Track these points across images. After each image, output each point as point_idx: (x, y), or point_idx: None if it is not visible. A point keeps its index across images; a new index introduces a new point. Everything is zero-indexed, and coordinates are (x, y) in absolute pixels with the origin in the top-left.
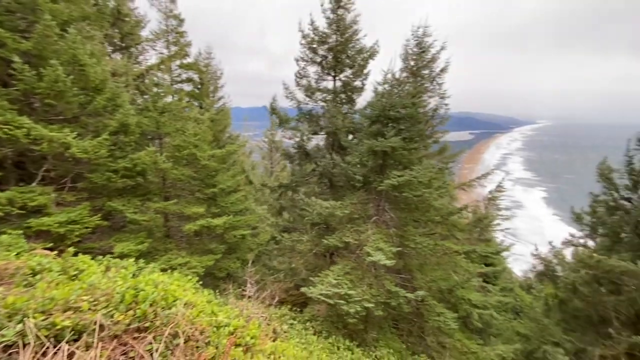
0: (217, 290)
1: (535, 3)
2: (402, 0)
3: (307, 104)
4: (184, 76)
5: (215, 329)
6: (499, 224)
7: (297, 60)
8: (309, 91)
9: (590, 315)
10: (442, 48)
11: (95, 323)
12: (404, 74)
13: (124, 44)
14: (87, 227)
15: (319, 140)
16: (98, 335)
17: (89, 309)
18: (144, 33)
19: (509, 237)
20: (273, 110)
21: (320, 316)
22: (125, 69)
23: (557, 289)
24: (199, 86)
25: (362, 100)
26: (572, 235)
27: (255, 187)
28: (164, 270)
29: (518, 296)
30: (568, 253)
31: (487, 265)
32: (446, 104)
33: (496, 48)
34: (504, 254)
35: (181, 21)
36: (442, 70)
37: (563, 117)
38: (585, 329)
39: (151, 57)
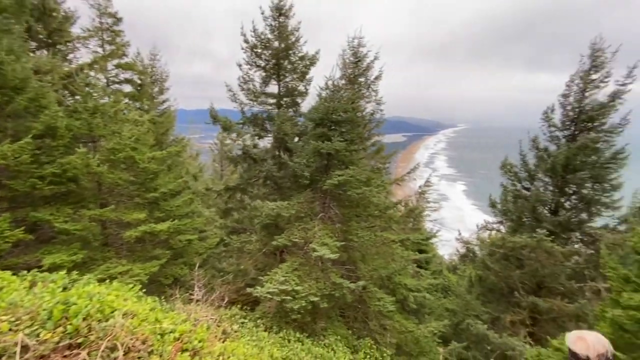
0: (163, 297)
1: (456, 24)
2: (344, 13)
3: (252, 107)
4: (122, 77)
5: (159, 336)
6: (428, 215)
7: (239, 65)
8: (254, 95)
9: (502, 288)
10: (376, 58)
11: (17, 344)
12: (343, 81)
13: (50, 41)
14: (7, 242)
15: (265, 142)
16: (21, 357)
17: (10, 329)
18: (76, 30)
19: (437, 226)
20: (214, 117)
21: (271, 312)
22: (51, 67)
23: (476, 268)
24: (139, 87)
25: (306, 104)
26: (487, 222)
27: (199, 191)
28: (101, 280)
29: (446, 277)
30: (486, 237)
31: (420, 252)
32: (381, 109)
33: (425, 59)
34: (434, 240)
35: (118, 19)
36: (377, 78)
37: (478, 120)
38: (499, 300)
39: (84, 56)
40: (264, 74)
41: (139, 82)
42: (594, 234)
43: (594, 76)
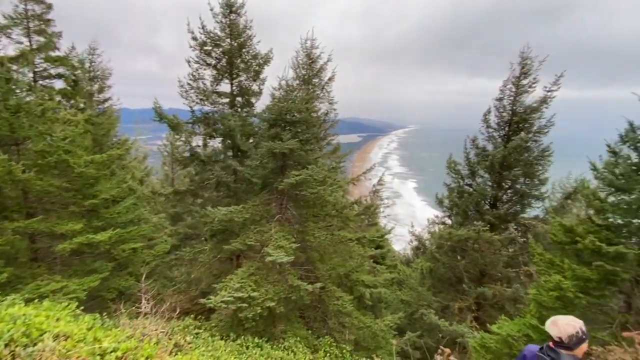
0: (105, 314)
1: (404, 29)
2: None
3: (203, 106)
4: (52, 71)
5: (98, 357)
6: (382, 211)
7: (189, 62)
8: (205, 94)
9: (450, 278)
10: (329, 60)
11: None
12: (297, 82)
13: None
14: None
15: (217, 143)
16: None
17: None
18: None
19: (392, 222)
20: (159, 115)
21: (226, 320)
22: None
23: (427, 260)
24: (73, 84)
25: (261, 104)
26: (436, 216)
27: (146, 196)
28: (30, 300)
29: (401, 271)
30: (435, 231)
31: (376, 248)
32: (335, 110)
33: (377, 62)
34: (388, 236)
35: (48, 7)
36: (330, 79)
37: (427, 122)
38: (448, 289)
39: (5, 47)
40: (215, 72)
41: (73, 78)
42: (527, 224)
43: (523, 82)
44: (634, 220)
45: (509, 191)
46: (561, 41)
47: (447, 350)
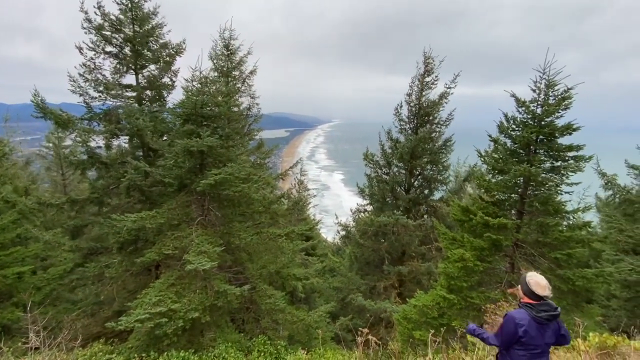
0: None
1: (327, 28)
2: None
3: (105, 102)
4: None
5: None
6: (310, 203)
7: (80, 49)
8: (105, 87)
9: (374, 260)
10: (249, 52)
11: None
12: (215, 74)
13: None
14: None
15: (123, 142)
16: None
17: None
18: None
19: (322, 213)
20: (42, 110)
21: (145, 338)
22: None
23: (353, 246)
24: None
25: (175, 98)
26: (359, 205)
27: (28, 208)
28: None
29: (331, 259)
30: (360, 218)
31: (306, 240)
32: (258, 104)
33: (302, 57)
34: (319, 227)
35: None
36: (252, 72)
37: (350, 117)
38: (374, 272)
39: None
40: (116, 62)
41: None
42: (435, 206)
43: (427, 79)
44: (512, 195)
45: (419, 177)
46: (458, 44)
47: (366, 330)
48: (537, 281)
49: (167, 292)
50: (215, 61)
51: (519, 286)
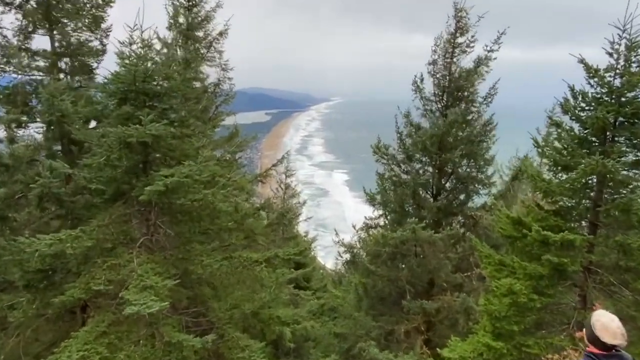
0: None
1: None
2: None
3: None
4: None
5: None
6: (302, 216)
7: None
8: (5, 53)
9: (391, 294)
10: (218, 5)
11: None
12: (170, 34)
13: None
14: None
15: (35, 132)
16: None
17: None
18: None
19: (318, 229)
20: None
21: None
22: None
23: (362, 275)
24: None
25: (106, 69)
26: (368, 217)
27: None
28: None
29: (332, 294)
30: (370, 236)
31: (297, 268)
32: (230, 78)
33: (287, 10)
34: (313, 249)
35: None
36: (221, 34)
37: (355, 92)
38: (391, 310)
39: None
40: (20, 17)
41: None
42: (474, 216)
43: (460, 39)
44: (582, 201)
45: (451, 177)
46: None
47: None
48: (606, 324)
49: (96, 345)
50: (173, 18)
51: (584, 330)
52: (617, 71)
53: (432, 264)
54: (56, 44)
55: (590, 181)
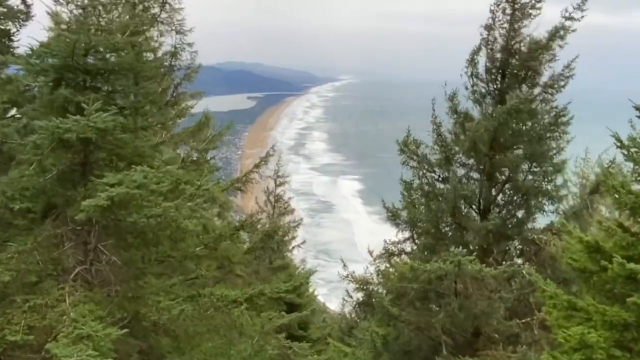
0: None
1: None
2: None
3: None
4: None
5: None
6: (296, 238)
7: None
8: None
9: (421, 347)
10: None
11: None
12: None
13: None
14: None
15: None
16: None
17: None
18: None
19: (319, 257)
20: None
21: None
22: None
23: (380, 321)
24: None
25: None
26: (389, 242)
27: None
28: None
29: (337, 349)
30: (391, 266)
31: (289, 310)
32: (190, 44)
33: None
34: (312, 285)
35: None
36: None
37: (368, 71)
38: None
39: None
40: None
41: None
42: (537, 241)
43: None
44: None
45: (506, 187)
46: None
47: None
48: None
49: None
50: None
51: None
52: None
53: (479, 307)
54: None
55: None
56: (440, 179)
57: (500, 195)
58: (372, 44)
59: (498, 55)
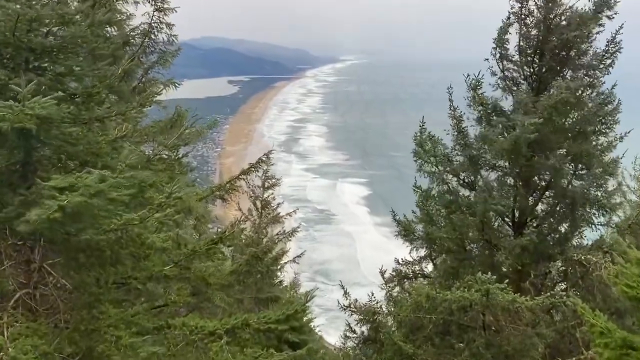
0: None
1: None
2: None
3: None
4: None
5: None
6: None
7: None
8: None
9: None
10: None
11: None
12: None
13: None
14: None
15: None
16: None
17: None
18: None
19: (317, 279)
20: None
21: None
22: None
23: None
24: None
25: None
26: (402, 261)
27: None
28: None
29: None
30: (403, 291)
31: (278, 348)
32: (170, 25)
33: None
34: (310, 314)
35: None
36: None
37: (375, 50)
38: None
39: None
40: None
41: None
42: (584, 262)
43: None
44: None
45: (546, 194)
46: None
47: None
48: None
49: None
50: None
51: None
52: None
53: (512, 345)
54: None
55: None
56: (464, 183)
57: (539, 204)
58: (382, 16)
59: (534, 32)
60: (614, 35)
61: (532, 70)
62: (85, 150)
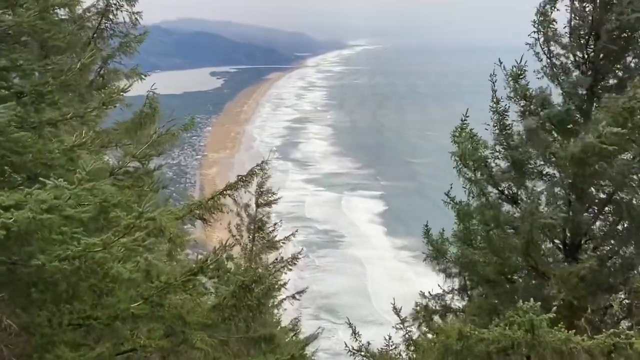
0: None
1: None
2: None
3: None
4: None
5: None
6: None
7: None
8: None
9: None
10: None
11: None
12: None
13: None
14: None
15: None
16: None
17: None
18: None
19: (320, 315)
20: None
21: None
22: None
23: None
24: None
25: None
26: (428, 294)
27: None
28: None
29: None
30: (430, 330)
31: None
32: (132, 4)
33: None
34: (313, 355)
35: None
36: None
37: (392, 32)
38: None
39: None
40: None
41: None
42: None
43: None
44: None
45: (607, 209)
46: None
47: None
48: None
49: None
50: None
51: None
52: None
53: None
54: None
55: None
56: (507, 197)
57: (598, 222)
58: None
59: (588, 7)
60: None
61: (586, 55)
62: (34, 161)
